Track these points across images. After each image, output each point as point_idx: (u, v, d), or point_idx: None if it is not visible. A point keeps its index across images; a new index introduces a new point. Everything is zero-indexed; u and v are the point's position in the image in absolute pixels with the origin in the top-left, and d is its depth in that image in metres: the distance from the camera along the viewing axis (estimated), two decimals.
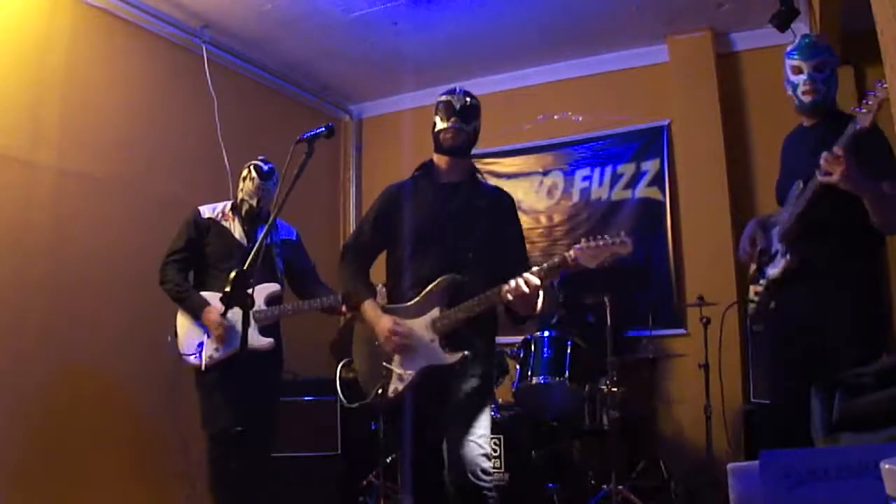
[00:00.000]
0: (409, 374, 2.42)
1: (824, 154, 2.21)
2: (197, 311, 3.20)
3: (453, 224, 2.49)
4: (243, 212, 3.39)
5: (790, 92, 2.58)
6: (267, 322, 3.26)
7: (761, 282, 2.65)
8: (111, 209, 3.89)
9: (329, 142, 2.36)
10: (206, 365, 3.15)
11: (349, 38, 4.67)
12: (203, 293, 3.26)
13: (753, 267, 2.75)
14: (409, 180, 2.64)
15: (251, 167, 3.42)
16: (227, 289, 2.04)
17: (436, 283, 2.43)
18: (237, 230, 3.37)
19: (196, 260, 3.36)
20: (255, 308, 3.22)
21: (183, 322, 3.24)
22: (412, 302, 2.47)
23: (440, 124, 2.54)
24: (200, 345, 3.17)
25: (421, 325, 2.44)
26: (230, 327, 3.17)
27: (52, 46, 3.70)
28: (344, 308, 3.27)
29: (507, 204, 2.66)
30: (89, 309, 3.71)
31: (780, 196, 2.66)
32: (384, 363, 2.46)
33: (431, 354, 2.41)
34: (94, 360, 3.71)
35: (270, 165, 3.44)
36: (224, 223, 3.38)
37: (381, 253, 2.67)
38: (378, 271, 2.72)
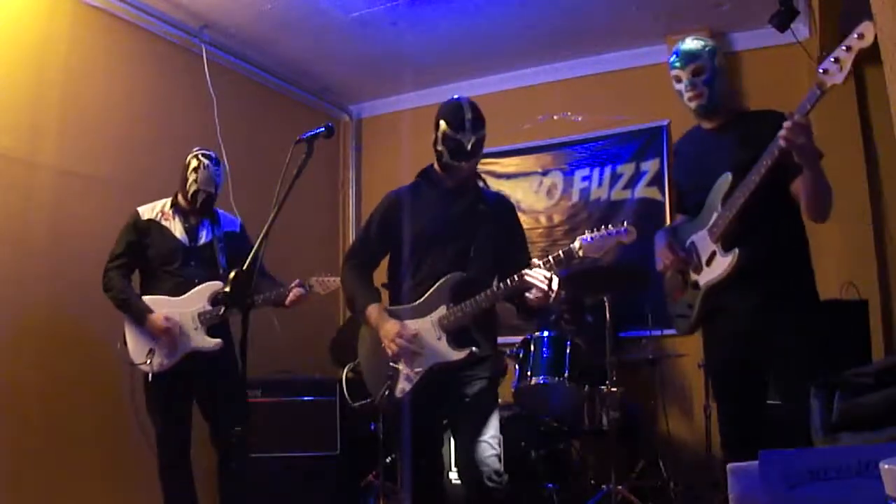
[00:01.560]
0: (417, 372, 2.42)
1: (788, 123, 2.12)
2: (140, 319, 3.17)
3: (456, 227, 2.51)
4: (199, 202, 3.35)
5: (681, 99, 2.55)
6: (213, 322, 3.22)
7: (692, 293, 2.55)
8: (111, 209, 3.88)
9: (328, 142, 2.36)
10: (156, 373, 3.15)
11: (349, 39, 4.67)
12: (148, 297, 3.23)
13: (672, 283, 2.66)
14: (411, 185, 2.65)
15: (199, 156, 3.40)
16: (227, 289, 2.04)
17: (441, 281, 2.45)
18: (178, 229, 3.33)
19: (139, 263, 3.33)
20: (200, 309, 3.21)
21: (131, 330, 3.22)
22: (417, 302, 2.48)
23: (448, 159, 2.51)
24: (151, 351, 3.16)
25: (427, 324, 2.44)
26: (178, 331, 3.16)
27: (52, 46, 3.70)
28: (287, 302, 3.25)
29: (508, 209, 2.71)
30: (89, 308, 3.70)
31: (690, 202, 2.59)
32: (391, 363, 2.46)
33: (439, 352, 2.41)
34: (93, 359, 3.70)
35: (214, 153, 3.48)
36: (164, 223, 3.34)
37: (385, 257, 2.69)
38: (379, 274, 2.74)
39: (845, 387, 2.63)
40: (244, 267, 2.07)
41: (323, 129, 2.24)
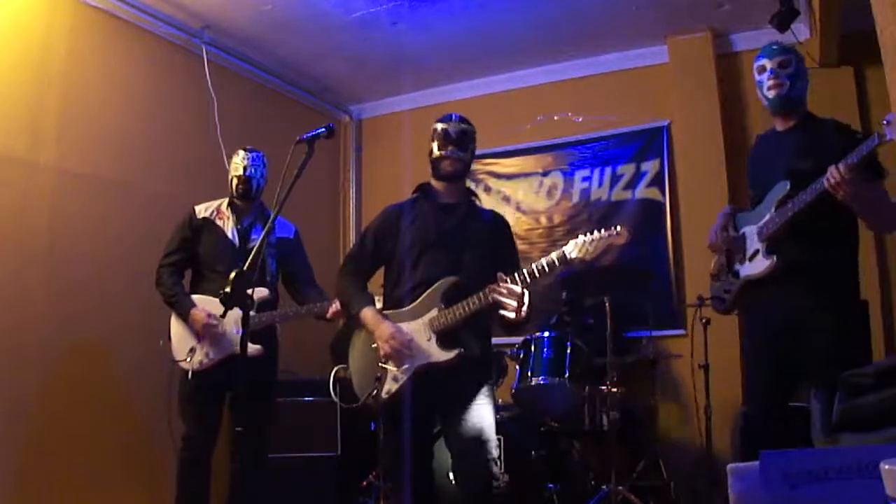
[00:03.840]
0: (405, 371, 2.44)
1: (833, 169, 2.23)
2: (185, 315, 3.20)
3: (451, 237, 2.56)
4: (236, 191, 3.36)
5: (760, 95, 2.63)
6: (256, 328, 3.20)
7: (731, 279, 2.66)
8: (111, 209, 3.90)
9: (329, 142, 2.36)
10: (195, 371, 3.16)
11: (349, 39, 4.67)
12: (196, 296, 3.25)
13: (719, 262, 2.76)
14: (408, 201, 2.70)
15: (238, 150, 3.45)
16: (227, 289, 2.04)
17: (435, 286, 2.49)
18: (230, 229, 3.35)
19: (191, 261, 3.35)
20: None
21: (176, 326, 3.24)
22: (411, 305, 2.52)
23: (437, 151, 2.59)
24: (192, 350, 3.17)
25: (418, 326, 2.48)
26: (221, 331, 3.17)
27: (52, 46, 3.70)
28: (328, 314, 3.26)
29: (502, 226, 2.74)
30: (88, 309, 3.71)
31: (757, 196, 2.66)
32: (380, 363, 2.48)
33: (427, 353, 2.44)
34: (93, 360, 3.71)
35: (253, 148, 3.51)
36: (218, 222, 3.35)
37: (379, 269, 2.73)
38: (375, 279, 2.78)
39: (845, 387, 2.63)
40: (244, 267, 2.06)
41: (323, 129, 2.24)
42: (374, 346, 2.51)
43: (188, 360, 3.16)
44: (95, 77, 3.92)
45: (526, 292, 2.37)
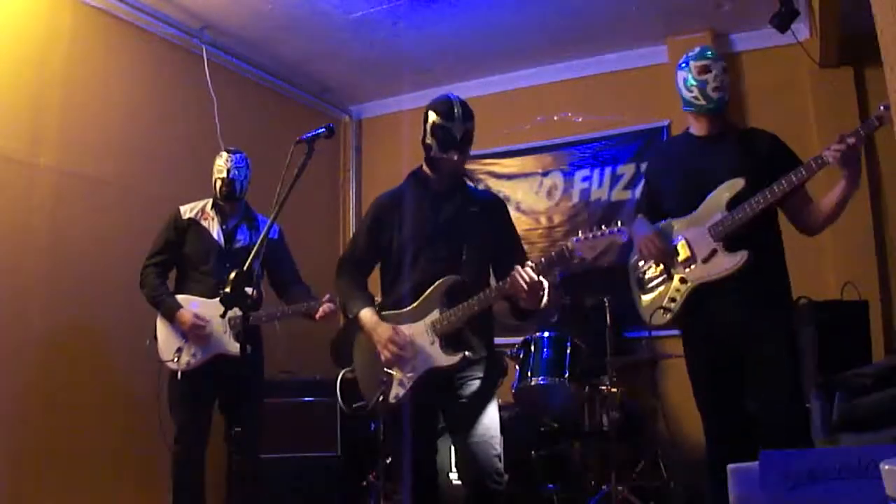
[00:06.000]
0: (410, 377, 2.42)
1: (842, 143, 2.27)
2: (170, 316, 3.20)
3: (447, 228, 2.50)
4: (220, 192, 3.37)
5: (695, 93, 2.56)
6: (241, 328, 3.23)
7: (678, 285, 2.58)
8: (111, 210, 3.90)
9: (329, 142, 2.36)
10: (182, 371, 3.17)
11: (349, 39, 4.68)
12: (181, 297, 3.26)
13: (650, 271, 2.69)
14: (400, 189, 2.63)
15: (222, 151, 3.47)
16: (227, 289, 2.04)
17: (435, 285, 2.44)
18: (215, 230, 3.35)
19: (176, 261, 3.35)
20: (230, 314, 3.21)
21: (162, 327, 3.25)
22: (411, 307, 2.48)
23: (437, 151, 2.45)
24: (179, 350, 3.18)
25: (420, 329, 2.44)
26: (208, 332, 3.18)
27: (52, 47, 3.70)
28: (317, 316, 3.25)
29: (498, 207, 2.67)
30: (89, 309, 3.71)
31: (675, 203, 2.63)
32: (385, 368, 2.45)
33: (432, 357, 2.41)
34: (93, 360, 3.71)
35: (237, 149, 3.52)
36: (203, 223, 3.36)
37: (377, 263, 2.68)
38: (373, 278, 2.74)
39: (845, 387, 2.64)
40: (244, 267, 2.06)
41: (323, 129, 2.23)
42: (378, 349, 2.48)
43: (175, 360, 3.17)
44: (95, 77, 3.92)
45: (545, 280, 2.30)
